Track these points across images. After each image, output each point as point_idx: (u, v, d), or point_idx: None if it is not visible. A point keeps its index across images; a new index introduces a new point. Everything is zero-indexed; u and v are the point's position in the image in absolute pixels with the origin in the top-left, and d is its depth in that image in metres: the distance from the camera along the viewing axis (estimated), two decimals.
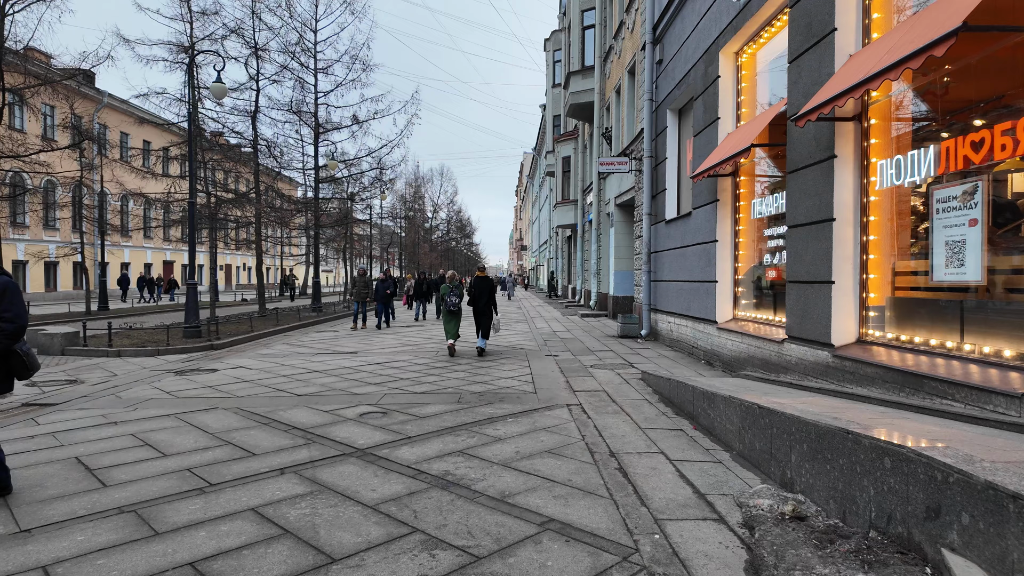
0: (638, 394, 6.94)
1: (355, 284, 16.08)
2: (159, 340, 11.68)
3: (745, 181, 8.71)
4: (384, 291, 15.96)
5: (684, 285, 10.41)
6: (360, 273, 16.51)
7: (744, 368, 7.85)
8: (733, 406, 4.74)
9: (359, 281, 16.13)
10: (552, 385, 7.57)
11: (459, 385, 7.58)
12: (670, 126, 11.67)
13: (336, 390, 7.34)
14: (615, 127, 17.47)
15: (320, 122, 23.15)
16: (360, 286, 16.08)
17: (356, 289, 16.04)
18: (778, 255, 7.61)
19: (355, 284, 16.08)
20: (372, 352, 11.04)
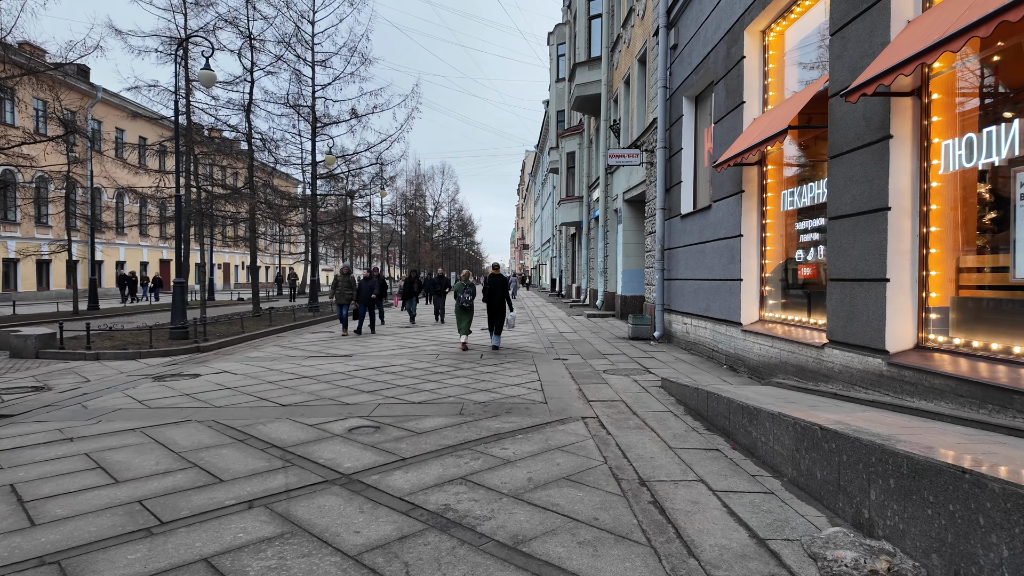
0: (661, 405, 6.23)
1: (337, 284, 14.23)
2: (142, 342, 11.00)
3: (773, 171, 8.00)
4: (369, 291, 14.18)
5: (703, 284, 9.70)
6: (343, 272, 14.38)
7: (774, 375, 7.14)
8: (783, 425, 4.03)
9: (342, 281, 14.22)
10: (563, 394, 6.86)
11: (461, 393, 6.87)
12: (686, 114, 10.95)
13: (325, 399, 6.64)
14: (624, 119, 16.75)
15: (318, 116, 22.49)
16: (343, 286, 14.15)
17: (339, 290, 14.12)
18: (812, 250, 6.91)
19: (337, 284, 14.23)
20: (367, 355, 10.34)
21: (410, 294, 17.42)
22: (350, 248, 40.90)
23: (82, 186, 20.46)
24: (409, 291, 17.43)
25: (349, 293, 14.07)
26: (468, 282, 11.45)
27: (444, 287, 17.96)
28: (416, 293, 17.60)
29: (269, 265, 54.22)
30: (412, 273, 18.15)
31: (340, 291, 14.03)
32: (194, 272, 43.07)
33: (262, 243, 46.85)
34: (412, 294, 17.44)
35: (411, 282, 17.66)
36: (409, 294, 17.44)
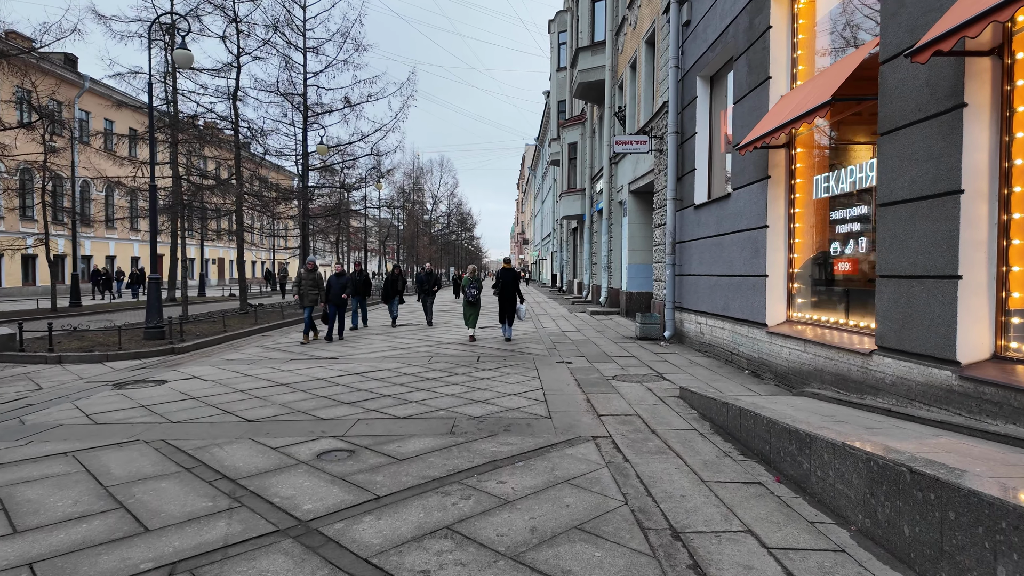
0: (683, 421, 5.41)
1: (300, 282, 11.74)
2: (112, 343, 10.18)
3: (802, 154, 7.16)
4: (340, 291, 11.91)
5: (720, 280, 8.87)
6: (309, 268, 11.90)
7: (807, 383, 6.32)
8: (850, 460, 3.22)
9: (305, 278, 11.75)
10: (570, 405, 6.04)
11: (453, 405, 6.05)
12: (700, 96, 10.09)
13: (298, 413, 5.82)
14: (630, 105, 15.88)
15: (310, 105, 21.60)
16: (307, 285, 11.71)
17: (302, 289, 11.69)
18: (852, 242, 6.08)
19: (300, 282, 11.74)
20: (354, 358, 9.52)
21: (392, 294, 14.91)
22: (346, 242, 40.04)
23: (59, 176, 19.57)
24: (391, 290, 14.91)
25: (314, 293, 11.72)
26: (475, 277, 12.13)
27: (433, 285, 15.51)
28: (400, 292, 15.13)
29: (265, 260, 53.39)
30: (395, 269, 15.34)
31: (304, 291, 11.67)
32: (187, 266, 42.28)
33: (254, 237, 46.00)
34: (395, 293, 14.97)
35: (393, 280, 15.00)
36: (391, 294, 14.90)
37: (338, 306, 11.95)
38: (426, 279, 15.49)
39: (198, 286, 29.91)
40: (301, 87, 21.41)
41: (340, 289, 11.97)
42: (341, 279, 12.07)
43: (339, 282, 12.01)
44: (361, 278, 14.33)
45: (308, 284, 11.74)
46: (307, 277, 11.82)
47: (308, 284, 11.74)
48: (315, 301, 11.72)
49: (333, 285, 11.93)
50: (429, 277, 15.51)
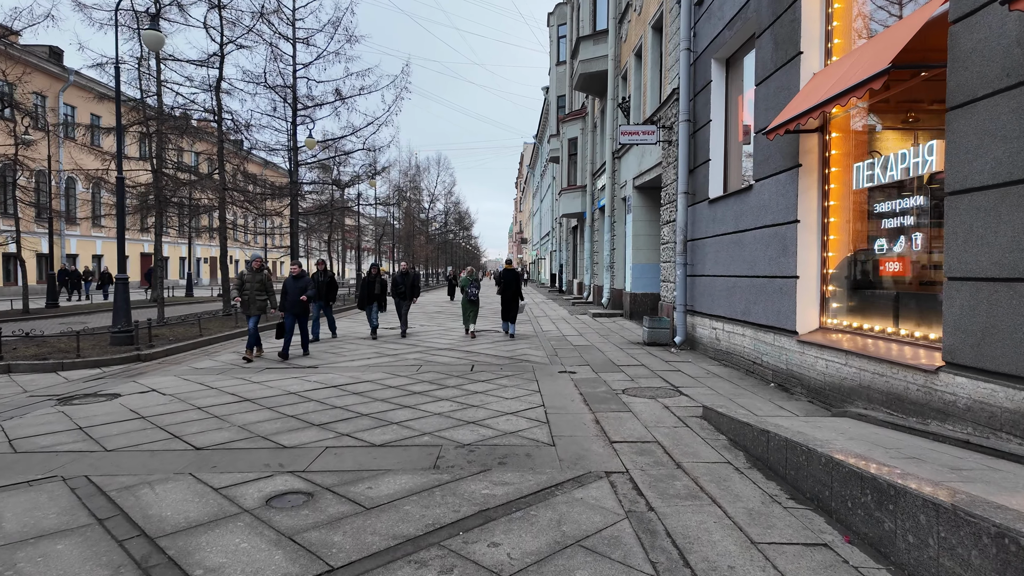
0: (711, 449, 4.56)
1: (243, 284, 9.35)
2: (72, 349, 9.29)
3: (839, 139, 6.31)
4: (298, 295, 9.55)
5: (739, 282, 8.03)
6: (254, 267, 9.43)
7: (849, 401, 5.48)
8: (968, 533, 2.37)
9: (251, 280, 9.31)
10: (576, 428, 5.18)
11: (440, 428, 5.19)
12: (715, 80, 9.24)
13: (257, 438, 4.96)
14: (635, 96, 15.03)
15: (300, 98, 20.72)
16: (253, 288, 9.25)
17: (248, 293, 9.28)
18: (903, 239, 5.24)
19: (243, 284, 9.35)
20: (336, 367, 8.66)
21: (371, 298, 12.33)
22: (340, 241, 39.09)
23: (41, 171, 18.66)
24: (369, 294, 12.30)
25: (262, 299, 9.35)
26: (474, 277, 12.82)
27: (409, 288, 12.72)
28: (380, 296, 12.58)
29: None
30: (372, 269, 12.51)
31: (249, 296, 9.27)
32: (178, 266, 41.31)
33: (247, 236, 45.07)
34: (373, 298, 12.37)
35: (371, 283, 12.35)
36: (369, 298, 12.33)
37: (296, 315, 9.62)
38: (401, 281, 12.68)
39: (186, 286, 28.94)
40: (290, 79, 20.59)
41: (298, 294, 9.57)
42: (299, 282, 9.68)
43: (296, 286, 9.61)
44: (326, 279, 12.12)
45: (254, 288, 9.31)
46: (252, 279, 9.34)
47: (254, 288, 9.31)
48: (263, 309, 9.41)
49: (289, 289, 9.57)
50: (404, 279, 12.73)
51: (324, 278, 12.14)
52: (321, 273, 12.22)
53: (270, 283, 9.51)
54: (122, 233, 10.47)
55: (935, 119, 5.20)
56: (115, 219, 27.55)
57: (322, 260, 12.39)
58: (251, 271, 9.46)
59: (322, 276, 12.16)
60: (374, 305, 12.39)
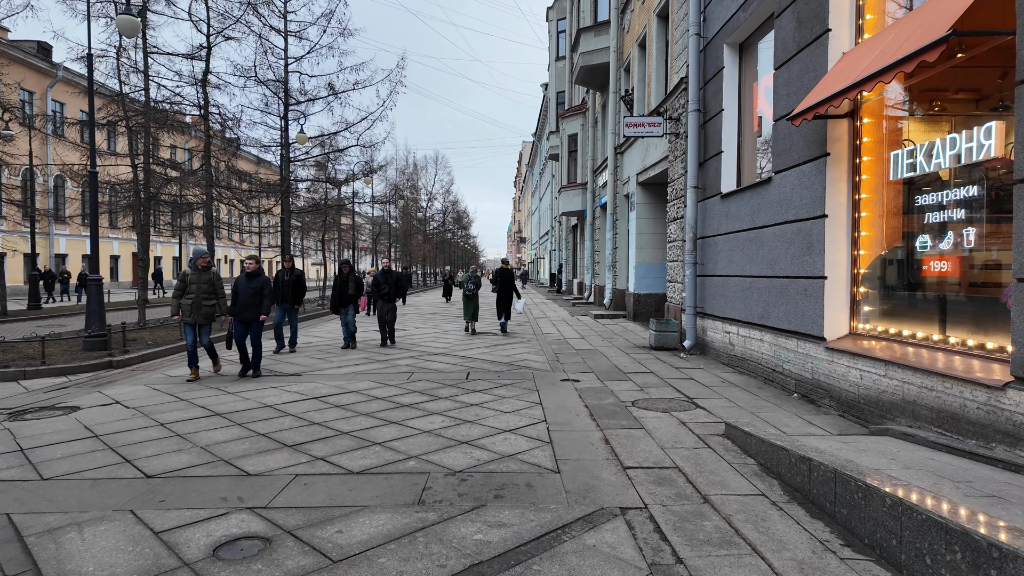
0: (740, 477, 3.95)
1: (185, 286, 7.64)
2: (38, 356, 8.66)
3: (871, 125, 5.70)
4: (251, 297, 7.85)
5: (757, 282, 7.42)
6: (200, 265, 7.64)
7: (889, 417, 4.87)
8: None
9: (196, 281, 7.59)
10: (583, 450, 4.57)
11: (429, 450, 4.57)
12: (727, 67, 8.63)
13: (219, 463, 4.34)
14: (638, 88, 14.41)
15: (291, 92, 20.09)
16: (200, 291, 7.55)
17: (192, 297, 7.55)
18: (951, 234, 4.64)
19: (185, 286, 7.64)
20: (322, 374, 8.04)
21: (345, 300, 10.67)
22: (337, 240, 38.44)
23: (15, 168, 18.00)
24: (342, 295, 10.65)
25: (210, 305, 7.62)
26: (475, 275, 13.42)
27: (393, 289, 11.14)
28: (355, 298, 10.82)
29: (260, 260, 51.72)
30: (344, 267, 10.72)
31: (194, 301, 7.53)
32: (171, 265, 40.62)
33: (242, 236, 44.41)
34: (347, 301, 10.68)
35: (344, 282, 10.68)
36: (343, 300, 10.67)
37: (247, 322, 7.86)
38: (383, 280, 11.00)
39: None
40: (282, 73, 19.97)
41: (251, 296, 7.81)
42: (254, 281, 7.90)
43: (250, 286, 7.83)
44: (291, 278, 10.23)
45: (201, 291, 7.56)
46: (198, 280, 7.57)
47: (201, 291, 7.56)
48: (211, 317, 7.66)
49: (240, 290, 7.83)
50: (387, 278, 11.09)
51: (290, 277, 10.28)
52: (287, 271, 10.37)
53: (220, 285, 7.75)
54: (95, 231, 9.84)
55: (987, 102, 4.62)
56: (106, 217, 26.71)
57: (290, 256, 10.74)
58: (196, 270, 7.64)
59: (287, 275, 10.29)
60: (349, 308, 10.70)
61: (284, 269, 10.46)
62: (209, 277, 7.69)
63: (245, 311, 7.85)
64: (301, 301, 10.57)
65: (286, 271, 10.39)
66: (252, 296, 7.85)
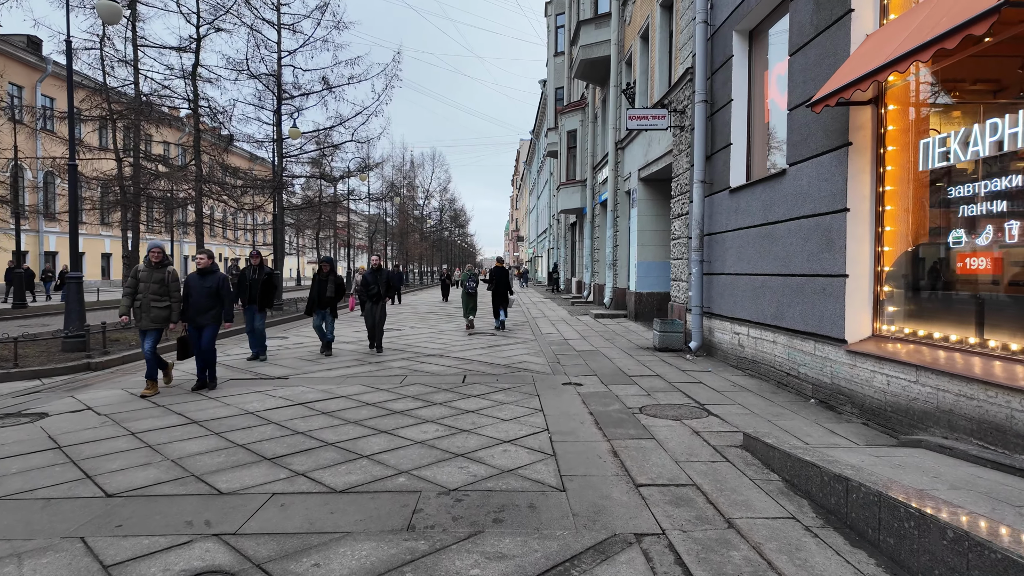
0: (765, 496, 3.56)
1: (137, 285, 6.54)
2: (10, 357, 8.22)
3: (896, 112, 5.32)
4: (205, 300, 6.72)
5: (770, 281, 7.04)
6: (153, 260, 6.55)
7: (921, 426, 4.50)
8: None
9: (147, 279, 6.51)
10: (590, 464, 4.18)
11: (421, 464, 4.18)
12: (736, 55, 8.24)
13: (190, 478, 3.93)
14: (640, 81, 14.02)
15: (285, 87, 19.65)
16: (150, 290, 6.46)
17: (142, 298, 6.51)
18: (990, 228, 4.26)
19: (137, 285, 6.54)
20: (310, 377, 7.63)
21: (323, 303, 9.51)
22: (333, 238, 37.98)
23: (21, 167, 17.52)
24: (320, 297, 9.50)
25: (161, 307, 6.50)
26: (473, 272, 13.71)
27: (384, 289, 10.02)
28: (334, 301, 9.62)
29: (240, 256, 51.35)
30: (324, 266, 9.67)
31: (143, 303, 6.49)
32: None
33: (237, 233, 43.92)
34: (325, 303, 9.52)
35: (322, 283, 9.54)
36: (321, 302, 9.51)
37: (202, 327, 6.76)
38: (372, 280, 9.90)
39: None
40: (275, 66, 19.53)
41: (205, 298, 6.68)
42: (207, 280, 6.75)
43: (203, 285, 6.71)
44: (261, 277, 8.90)
45: (150, 291, 6.45)
46: (148, 278, 6.48)
47: (150, 291, 6.45)
48: (163, 321, 6.52)
49: (192, 290, 6.68)
50: (377, 277, 9.96)
51: (258, 276, 8.89)
52: (254, 269, 8.94)
53: (175, 284, 6.60)
54: (75, 226, 9.40)
55: None
56: (97, 215, 26.17)
57: (257, 252, 9.16)
58: (148, 267, 6.51)
59: (254, 273, 8.90)
60: (325, 312, 9.47)
61: (251, 267, 9.05)
62: (162, 275, 6.55)
63: (199, 315, 6.74)
64: (272, 304, 9.16)
65: (253, 269, 8.99)
66: (207, 298, 6.72)
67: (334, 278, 9.65)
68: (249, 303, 8.90)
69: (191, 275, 6.89)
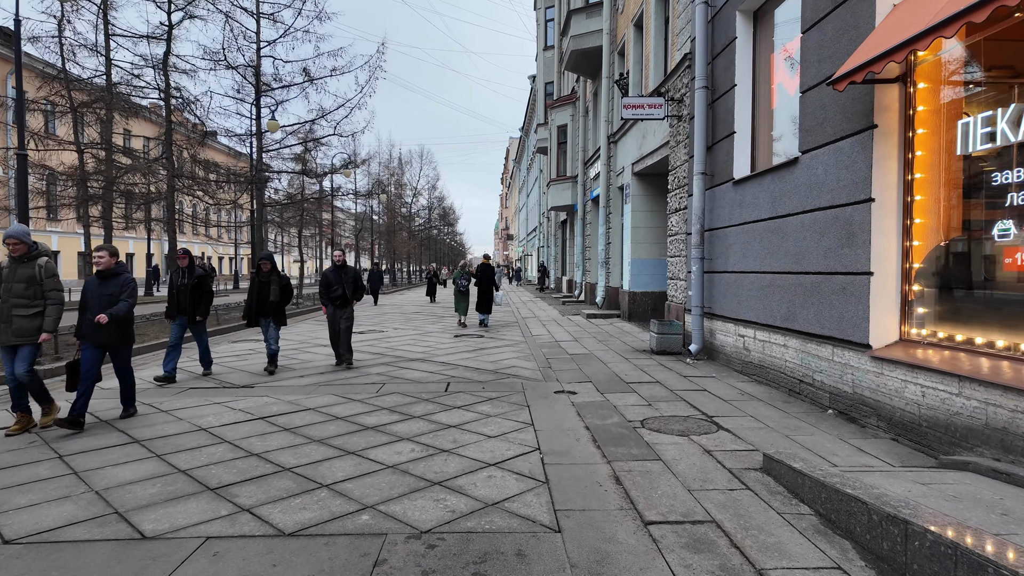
0: (798, 536, 2.97)
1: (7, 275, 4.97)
2: None
3: (927, 92, 4.76)
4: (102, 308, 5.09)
5: (780, 279, 6.48)
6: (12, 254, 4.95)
7: (964, 445, 3.94)
8: None
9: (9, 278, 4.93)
10: (588, 493, 3.57)
11: (391, 495, 3.55)
12: (740, 37, 7.68)
13: (113, 515, 3.28)
14: (634, 71, 13.45)
15: (267, 79, 18.88)
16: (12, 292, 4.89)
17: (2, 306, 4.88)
18: None
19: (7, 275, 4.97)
20: (279, 386, 6.96)
21: (265, 310, 7.80)
22: (319, 236, 37.11)
23: None
24: (260, 303, 7.80)
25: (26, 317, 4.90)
26: (465, 271, 13.83)
27: (351, 290, 8.26)
28: (280, 307, 7.87)
29: (223, 255, 50.30)
30: (263, 264, 7.94)
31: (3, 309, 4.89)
32: (142, 264, 39.00)
33: (220, 231, 42.90)
34: (267, 311, 7.79)
35: (263, 285, 7.82)
36: (262, 309, 7.81)
37: (103, 346, 5.19)
38: (335, 279, 8.22)
39: (145, 284, 26.78)
40: (253, 57, 18.76)
41: (103, 306, 5.10)
42: (108, 285, 5.21)
43: (103, 292, 5.17)
44: (189, 281, 7.22)
45: (13, 292, 4.90)
46: (10, 276, 4.94)
47: (13, 292, 4.90)
48: (34, 332, 4.95)
49: (91, 299, 5.16)
50: (341, 276, 8.25)
51: (187, 280, 7.22)
52: (182, 272, 7.30)
53: (53, 284, 5.04)
54: (26, 222, 8.65)
55: None
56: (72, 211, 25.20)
57: (185, 250, 7.47)
58: (12, 261, 4.98)
59: (184, 277, 7.25)
60: (269, 321, 7.81)
61: (179, 269, 7.35)
62: (31, 272, 4.92)
63: (97, 331, 5.07)
64: (207, 312, 7.41)
65: (181, 272, 7.31)
66: (104, 306, 5.11)
67: (278, 278, 7.90)
68: (178, 313, 7.20)
69: (89, 279, 5.32)
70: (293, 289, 8.76)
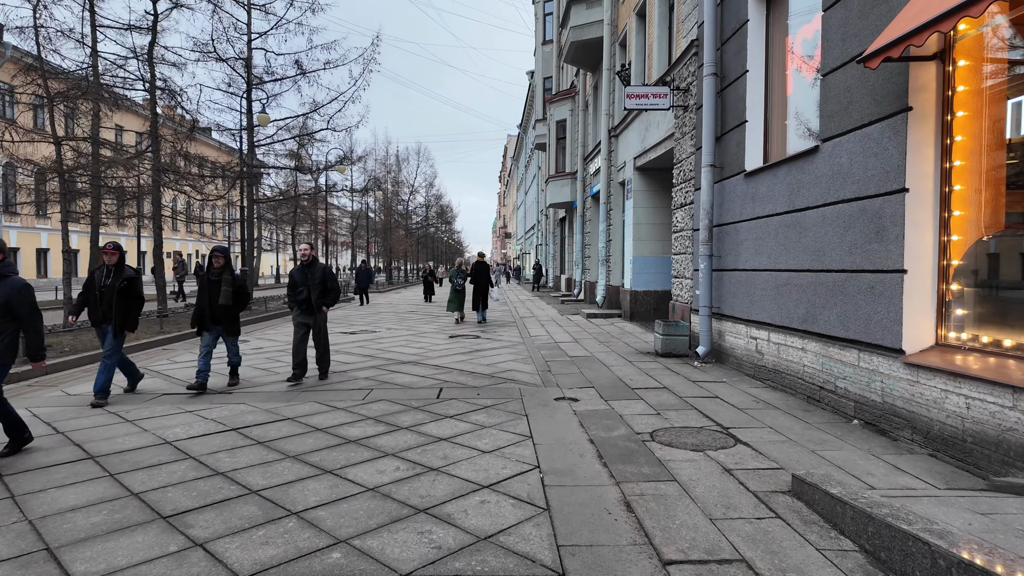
0: None
1: None
2: None
3: (967, 70, 4.30)
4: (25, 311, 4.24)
5: (797, 278, 6.02)
6: None
7: (1020, 465, 3.49)
8: None
9: None
10: (596, 525, 3.11)
11: (369, 526, 3.08)
12: (752, 20, 7.21)
13: (41, 552, 2.81)
14: (636, 62, 12.98)
15: (258, 72, 18.38)
16: None
17: None
18: None
19: None
20: (259, 392, 6.49)
21: (215, 315, 6.51)
22: (313, 233, 36.59)
23: None
24: (211, 306, 6.49)
25: None
26: (461, 269, 14.42)
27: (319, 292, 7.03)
28: (233, 312, 6.66)
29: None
30: (215, 259, 6.61)
31: None
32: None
33: (215, 229, 42.37)
34: (219, 316, 6.52)
35: (213, 284, 6.49)
36: (213, 314, 6.50)
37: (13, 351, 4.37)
38: (302, 279, 7.05)
39: None
40: (244, 49, 18.26)
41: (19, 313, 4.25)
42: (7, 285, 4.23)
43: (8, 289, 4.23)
44: (117, 284, 5.94)
45: None
46: None
47: None
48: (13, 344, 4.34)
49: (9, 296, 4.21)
50: (308, 276, 7.06)
51: (114, 282, 5.94)
52: (105, 271, 5.99)
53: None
54: None
55: None
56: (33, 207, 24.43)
57: (115, 246, 6.01)
58: None
59: (106, 277, 5.96)
60: (219, 330, 6.57)
61: (102, 267, 6.04)
62: None
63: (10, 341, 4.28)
64: (134, 323, 6.12)
65: (104, 270, 6.00)
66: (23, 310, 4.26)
67: (231, 278, 6.52)
68: (102, 320, 5.95)
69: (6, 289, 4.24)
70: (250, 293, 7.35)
